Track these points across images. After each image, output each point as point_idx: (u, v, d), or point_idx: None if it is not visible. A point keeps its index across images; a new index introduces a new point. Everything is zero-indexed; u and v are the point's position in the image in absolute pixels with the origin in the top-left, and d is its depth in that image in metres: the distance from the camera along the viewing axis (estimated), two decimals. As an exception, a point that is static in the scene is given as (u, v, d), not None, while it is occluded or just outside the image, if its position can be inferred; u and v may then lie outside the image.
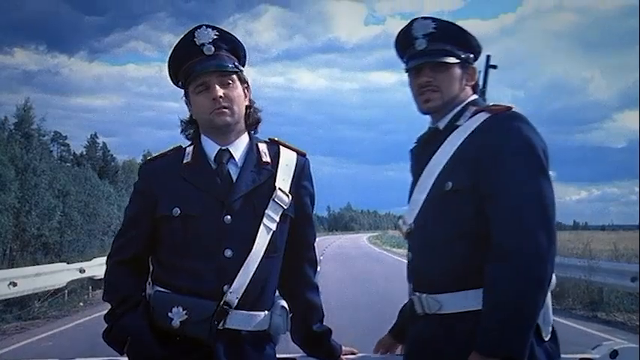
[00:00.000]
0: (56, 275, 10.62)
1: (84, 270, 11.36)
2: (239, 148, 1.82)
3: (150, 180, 1.83)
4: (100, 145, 41.65)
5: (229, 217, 1.72)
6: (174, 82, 1.88)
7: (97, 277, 11.20)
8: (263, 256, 1.73)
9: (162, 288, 1.75)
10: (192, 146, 1.84)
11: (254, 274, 1.71)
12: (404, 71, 1.84)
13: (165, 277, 1.76)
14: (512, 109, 1.70)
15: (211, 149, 1.81)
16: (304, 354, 1.98)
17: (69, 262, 12.29)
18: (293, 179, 1.84)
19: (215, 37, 1.80)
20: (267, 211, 1.76)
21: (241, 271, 1.70)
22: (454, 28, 1.80)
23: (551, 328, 1.67)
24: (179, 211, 1.74)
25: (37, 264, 13.38)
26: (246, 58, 1.88)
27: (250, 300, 1.72)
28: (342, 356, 1.97)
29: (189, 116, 1.88)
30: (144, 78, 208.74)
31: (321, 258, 18.98)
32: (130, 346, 1.71)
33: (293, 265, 1.88)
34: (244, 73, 1.85)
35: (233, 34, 1.84)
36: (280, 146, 1.88)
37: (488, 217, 1.60)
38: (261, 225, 1.74)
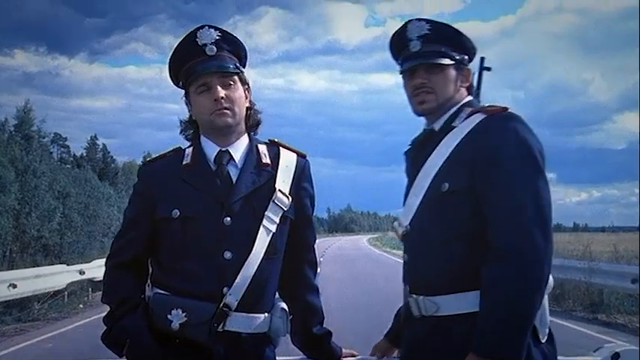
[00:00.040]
0: (56, 277, 10.61)
1: (84, 272, 11.36)
2: (239, 149, 1.81)
3: (149, 181, 1.83)
4: (100, 147, 41.60)
5: (229, 218, 1.72)
6: (174, 82, 1.87)
7: (96, 279, 11.20)
8: (263, 258, 1.73)
9: (162, 290, 1.74)
10: (191, 147, 1.84)
11: (254, 276, 1.71)
12: (399, 73, 1.84)
13: (165, 279, 1.75)
14: (508, 109, 1.69)
15: (211, 150, 1.81)
16: (304, 356, 1.98)
17: (69, 264, 12.28)
18: (293, 181, 1.83)
19: (217, 37, 1.79)
20: (267, 213, 1.75)
21: (241, 273, 1.70)
22: (449, 29, 1.79)
23: (548, 329, 1.67)
24: (178, 213, 1.73)
25: (37, 265, 13.38)
26: (247, 59, 1.88)
27: (250, 302, 1.71)
28: (343, 358, 1.97)
29: (188, 117, 1.87)
30: (144, 80, 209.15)
31: (321, 259, 18.98)
32: (129, 349, 1.70)
33: (293, 267, 1.87)
34: (245, 74, 1.85)
35: (235, 34, 1.84)
36: (280, 147, 1.88)
37: (485, 218, 1.60)
38: (261, 227, 1.74)
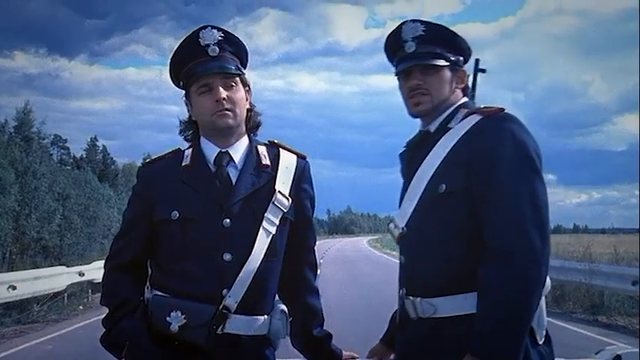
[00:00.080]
0: (56, 279, 10.60)
1: (83, 273, 11.34)
2: (239, 150, 1.81)
3: (148, 183, 1.82)
4: (100, 149, 41.65)
5: (228, 220, 1.71)
6: (174, 82, 1.86)
7: (96, 281, 11.18)
8: (262, 260, 1.72)
9: (161, 292, 1.73)
10: (191, 149, 1.83)
11: (253, 277, 1.70)
12: (394, 74, 1.83)
13: (164, 281, 1.74)
14: (505, 110, 1.69)
15: (211, 152, 1.80)
16: (304, 359, 1.97)
17: (68, 266, 12.26)
18: (293, 182, 1.82)
19: (220, 38, 1.79)
20: (266, 215, 1.75)
21: (240, 275, 1.69)
22: (444, 30, 1.79)
23: (545, 331, 1.66)
24: (178, 215, 1.73)
25: (37, 267, 13.37)
26: (248, 60, 1.87)
27: (250, 304, 1.70)
28: (343, 361, 1.96)
29: (188, 117, 1.86)
30: (144, 81, 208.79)
31: (321, 261, 18.96)
32: (129, 351, 1.69)
33: (293, 269, 1.86)
34: (245, 75, 1.84)
35: (238, 36, 1.83)
36: (280, 149, 1.87)
37: (482, 219, 1.60)
38: (261, 228, 1.73)
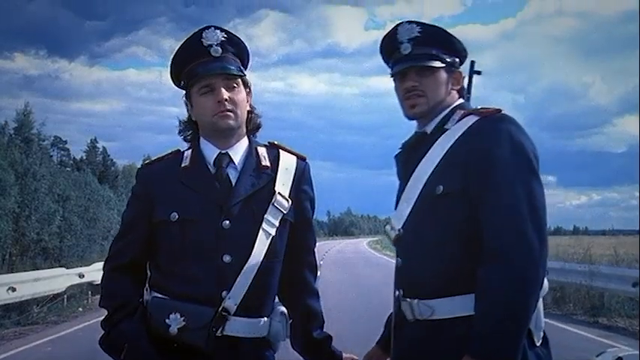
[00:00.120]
0: (55, 280, 10.58)
1: (83, 275, 11.33)
2: (239, 152, 1.80)
3: (147, 184, 1.82)
4: (100, 150, 41.64)
5: (228, 221, 1.70)
6: (175, 82, 1.85)
7: (96, 282, 11.17)
8: (262, 262, 1.71)
9: (160, 294, 1.73)
10: (190, 150, 1.83)
11: (253, 279, 1.69)
12: (390, 76, 1.83)
13: (163, 283, 1.74)
14: (502, 111, 1.68)
15: (211, 153, 1.79)
16: (304, 361, 1.96)
17: (68, 267, 12.25)
18: (293, 183, 1.82)
19: (223, 39, 1.78)
20: (266, 216, 1.74)
21: (240, 277, 1.68)
22: (439, 32, 1.78)
23: (543, 333, 1.66)
24: (177, 216, 1.72)
25: (37, 269, 13.36)
26: (249, 62, 1.86)
27: (249, 306, 1.70)
28: (343, 363, 1.95)
29: (187, 118, 1.86)
30: (144, 83, 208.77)
31: (321, 263, 18.96)
32: (127, 353, 1.68)
33: (293, 271, 1.86)
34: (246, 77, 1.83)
35: (240, 37, 1.83)
36: (280, 150, 1.87)
37: (479, 220, 1.59)
38: (261, 230, 1.73)
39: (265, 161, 1.81)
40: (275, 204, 1.76)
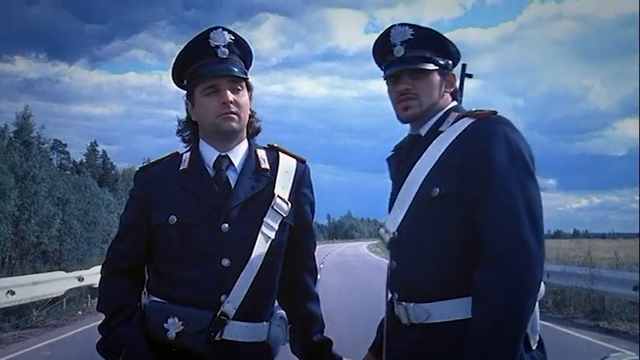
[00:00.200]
0: (55, 284, 10.57)
1: (82, 278, 11.31)
2: (238, 154, 1.79)
3: (146, 187, 1.80)
4: (100, 153, 41.77)
5: (227, 225, 1.69)
6: (177, 81, 1.83)
7: (95, 286, 11.06)
8: (261, 265, 1.70)
9: (158, 298, 1.71)
10: (189, 152, 1.81)
11: (252, 283, 1.68)
12: (382, 79, 1.81)
13: (161, 287, 1.72)
14: (497, 113, 1.68)
15: (210, 155, 1.78)
16: (304, 365, 1.94)
17: (67, 271, 12.25)
18: (293, 186, 1.81)
19: (230, 40, 1.77)
20: (265, 219, 1.73)
21: (239, 281, 1.67)
22: (432, 34, 1.77)
23: (539, 336, 1.65)
24: (175, 219, 1.71)
25: (37, 272, 13.36)
26: (252, 65, 1.85)
27: (248, 310, 1.68)
28: (343, 367, 1.93)
29: (187, 118, 1.84)
30: (144, 86, 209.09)
31: (321, 266, 18.94)
32: (125, 358, 1.67)
33: (292, 275, 1.84)
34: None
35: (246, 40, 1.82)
36: (280, 153, 1.86)
37: (476, 223, 1.58)
38: (260, 233, 1.71)
39: (265, 164, 1.80)
40: (274, 207, 1.75)
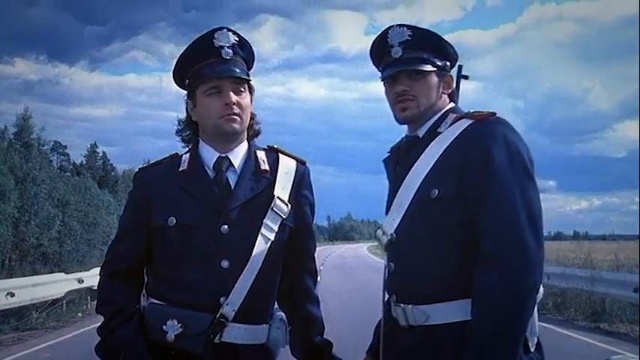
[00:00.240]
0: (54, 285, 10.56)
1: (82, 280, 11.29)
2: (238, 155, 1.78)
3: (145, 188, 1.79)
4: (100, 155, 41.68)
5: (226, 226, 1.68)
6: (178, 80, 1.82)
7: (95, 288, 10.86)
8: (261, 267, 1.69)
9: (157, 300, 1.71)
10: (188, 153, 1.81)
11: (252, 285, 1.68)
12: (380, 80, 1.80)
13: (160, 289, 1.72)
14: (496, 115, 1.67)
15: (210, 156, 1.77)
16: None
17: (67, 272, 12.23)
18: (292, 188, 1.80)
19: (234, 42, 1.77)
20: (265, 221, 1.72)
21: (238, 283, 1.66)
22: (430, 35, 1.77)
23: (537, 338, 1.64)
24: (175, 221, 1.70)
25: (36, 274, 13.33)
26: (253, 67, 1.84)
27: (248, 312, 1.68)
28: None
29: (186, 117, 1.83)
30: (144, 88, 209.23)
31: (321, 268, 18.93)
32: (124, 360, 1.66)
33: (292, 276, 1.84)
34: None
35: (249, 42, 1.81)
36: (279, 154, 1.85)
37: (475, 224, 1.58)
38: (259, 235, 1.71)
39: (264, 165, 1.79)
40: (274, 208, 1.74)
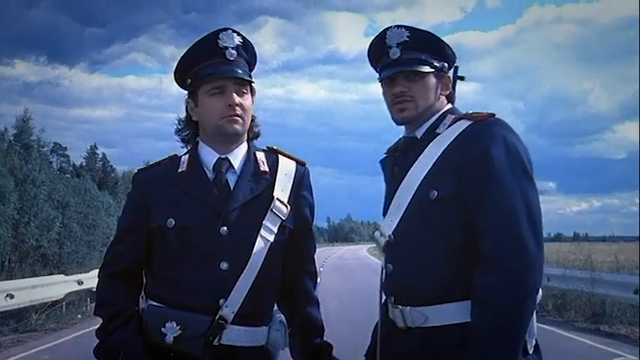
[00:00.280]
0: (54, 287, 10.54)
1: (82, 282, 11.28)
2: (238, 156, 1.78)
3: (144, 189, 1.79)
4: (100, 156, 41.66)
5: (225, 228, 1.68)
6: (179, 79, 1.81)
7: (95, 289, 11.10)
8: (260, 269, 1.69)
9: (156, 302, 1.70)
10: (187, 155, 1.80)
11: (251, 287, 1.67)
12: (378, 81, 1.80)
13: (159, 291, 1.71)
14: (495, 116, 1.67)
15: (209, 157, 1.77)
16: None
17: (67, 274, 12.22)
18: (292, 189, 1.79)
19: (239, 43, 1.76)
20: (264, 222, 1.72)
21: (238, 285, 1.66)
22: (428, 36, 1.76)
23: (535, 341, 1.64)
24: (174, 222, 1.69)
25: (36, 275, 13.32)
26: (254, 69, 1.84)
27: (247, 314, 1.67)
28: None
29: (186, 117, 1.83)
30: (144, 89, 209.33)
31: (321, 269, 18.92)
32: (122, 362, 1.65)
33: (292, 278, 1.83)
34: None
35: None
36: (279, 155, 1.84)
37: (475, 225, 1.57)
38: (259, 236, 1.70)
39: (264, 166, 1.79)
40: (273, 210, 1.73)
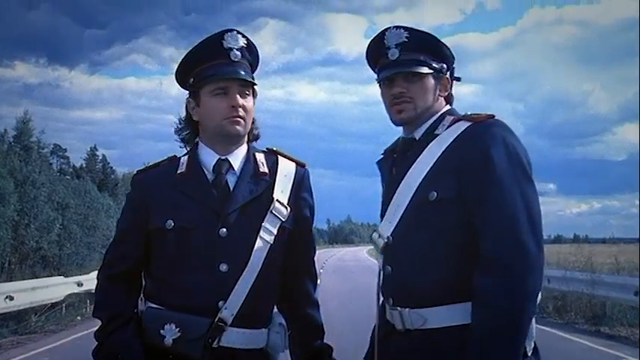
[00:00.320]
0: (54, 289, 10.55)
1: (82, 283, 11.28)
2: (238, 158, 1.77)
3: (143, 191, 1.78)
4: (100, 158, 41.55)
5: (225, 229, 1.67)
6: (181, 79, 1.80)
7: (95, 291, 11.10)
8: (260, 271, 1.68)
9: (155, 304, 1.69)
10: (187, 156, 1.79)
11: (250, 289, 1.66)
12: (376, 82, 1.80)
13: (158, 293, 1.70)
14: (494, 117, 1.66)
15: (209, 159, 1.76)
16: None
17: (67, 276, 12.22)
18: (292, 191, 1.79)
19: (243, 45, 1.76)
20: (264, 224, 1.71)
21: (237, 286, 1.65)
22: (427, 37, 1.76)
23: (534, 343, 1.63)
24: (173, 224, 1.69)
25: (36, 277, 13.33)
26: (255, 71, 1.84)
27: (246, 316, 1.66)
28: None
29: (186, 117, 1.82)
30: (144, 91, 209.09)
31: (321, 271, 18.91)
32: (121, 365, 1.65)
33: (292, 280, 1.82)
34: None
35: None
36: (279, 156, 1.84)
37: (475, 227, 1.57)
38: (258, 238, 1.69)
39: (263, 167, 1.78)
40: (273, 211, 1.73)
